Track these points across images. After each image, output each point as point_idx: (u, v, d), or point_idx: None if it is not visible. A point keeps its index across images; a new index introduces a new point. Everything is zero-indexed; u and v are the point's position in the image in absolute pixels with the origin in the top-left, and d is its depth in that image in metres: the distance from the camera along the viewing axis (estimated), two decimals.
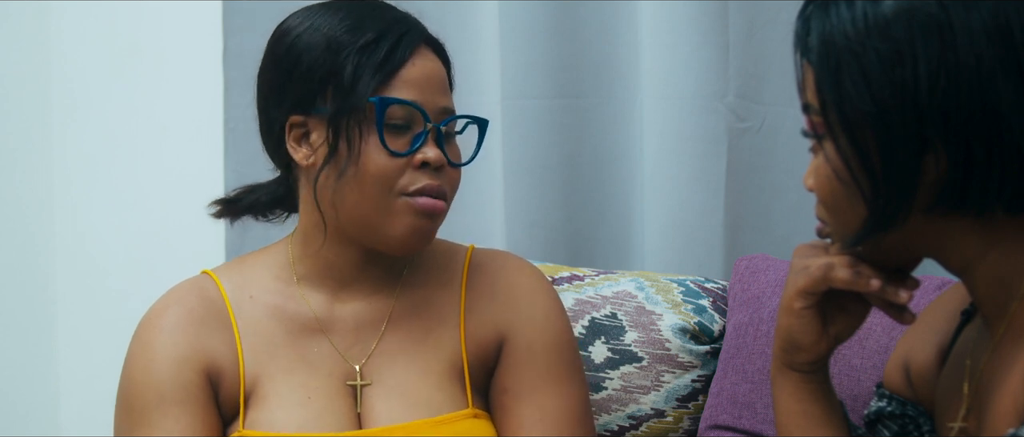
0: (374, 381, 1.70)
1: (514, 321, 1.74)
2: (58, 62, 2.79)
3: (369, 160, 1.63)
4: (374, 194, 1.64)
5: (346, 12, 1.67)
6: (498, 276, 1.76)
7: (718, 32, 2.17)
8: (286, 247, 1.75)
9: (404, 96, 1.64)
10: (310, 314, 1.71)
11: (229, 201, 1.80)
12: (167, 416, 1.67)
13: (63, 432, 2.85)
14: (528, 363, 1.73)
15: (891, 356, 1.51)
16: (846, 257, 1.38)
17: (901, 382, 1.48)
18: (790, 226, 2.19)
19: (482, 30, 2.34)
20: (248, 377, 1.69)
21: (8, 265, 2.80)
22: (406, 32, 1.67)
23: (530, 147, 2.30)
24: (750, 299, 2.01)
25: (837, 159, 1.31)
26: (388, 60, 1.64)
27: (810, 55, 1.32)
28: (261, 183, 1.79)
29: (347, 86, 1.63)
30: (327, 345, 1.71)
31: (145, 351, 1.70)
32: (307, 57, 1.65)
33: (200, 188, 2.64)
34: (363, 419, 1.69)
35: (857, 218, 1.32)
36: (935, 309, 1.49)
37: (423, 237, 1.67)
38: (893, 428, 1.47)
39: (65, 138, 2.80)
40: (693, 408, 2.03)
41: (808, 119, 1.34)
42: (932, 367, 1.45)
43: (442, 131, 1.66)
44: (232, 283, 1.74)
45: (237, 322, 1.71)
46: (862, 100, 1.27)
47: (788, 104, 2.17)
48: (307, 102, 1.65)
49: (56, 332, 2.84)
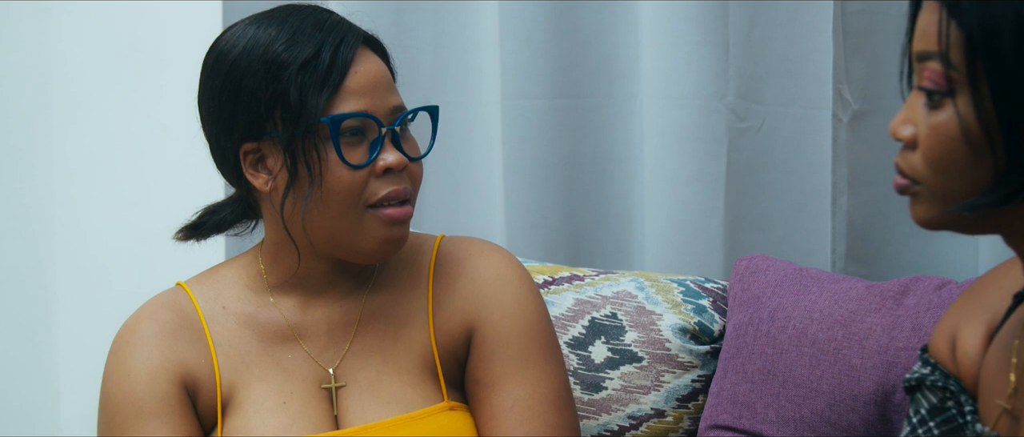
0: (348, 382, 1.71)
1: (481, 310, 1.73)
2: (58, 62, 2.79)
3: (332, 178, 1.62)
4: (342, 211, 1.63)
5: (279, 26, 1.64)
6: (463, 265, 1.75)
7: (718, 32, 2.17)
8: (256, 257, 1.75)
9: (354, 107, 1.62)
10: (282, 321, 1.72)
11: (193, 226, 1.80)
12: (146, 430, 1.67)
13: (63, 432, 2.85)
14: (497, 352, 1.72)
15: (939, 323, 1.48)
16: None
17: (947, 353, 1.45)
18: (790, 226, 2.19)
19: (482, 30, 2.34)
20: (224, 386, 1.70)
21: (8, 265, 2.80)
22: (342, 39, 1.64)
23: (530, 147, 2.30)
24: (750, 299, 2.00)
25: (973, 121, 1.24)
26: (331, 73, 1.61)
27: (958, 8, 1.24)
28: (222, 201, 1.79)
29: (296, 109, 1.61)
30: (300, 351, 1.72)
31: (121, 366, 1.71)
32: (248, 83, 1.62)
33: (200, 188, 2.65)
34: (340, 420, 1.70)
35: (974, 183, 1.25)
36: (987, 285, 1.46)
37: (396, 244, 1.67)
38: (932, 400, 1.45)
39: (65, 138, 2.80)
40: (693, 408, 2.02)
41: (936, 70, 1.26)
42: (979, 345, 1.42)
43: (397, 131, 1.65)
44: (205, 294, 1.74)
45: (211, 332, 1.72)
46: (1021, 61, 1.21)
47: (788, 104, 2.17)
48: (257, 128, 1.63)
49: (56, 332, 2.84)
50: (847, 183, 2.14)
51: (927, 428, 1.43)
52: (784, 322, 1.94)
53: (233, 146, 1.66)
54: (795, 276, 2.01)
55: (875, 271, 2.13)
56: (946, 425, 1.42)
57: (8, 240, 2.80)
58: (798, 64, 2.15)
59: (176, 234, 1.80)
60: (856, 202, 2.14)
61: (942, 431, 1.42)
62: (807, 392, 1.90)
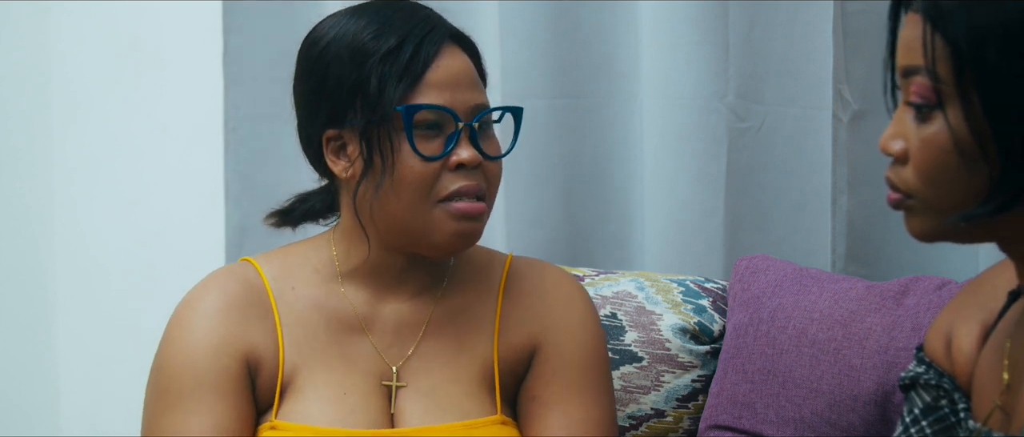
0: (409, 383, 1.71)
1: (547, 330, 1.74)
2: (58, 62, 2.79)
3: (404, 168, 1.63)
4: (412, 202, 1.63)
5: (370, 17, 1.66)
6: (535, 285, 1.77)
7: (718, 32, 2.17)
8: (329, 242, 1.74)
9: (431, 100, 1.63)
10: (352, 311, 1.72)
11: (284, 212, 1.79)
12: (202, 402, 1.66)
13: (63, 432, 2.85)
14: (558, 372, 1.73)
15: (934, 322, 1.48)
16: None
17: (942, 351, 1.46)
18: (790, 226, 2.19)
19: (482, 30, 2.34)
20: (287, 368, 1.69)
21: (8, 265, 2.80)
22: (428, 32, 1.65)
23: (530, 147, 2.30)
24: (750, 299, 2.00)
25: (965, 132, 1.24)
26: (412, 65, 1.63)
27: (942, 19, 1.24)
28: (311, 190, 1.79)
29: (374, 97, 1.62)
30: (367, 344, 1.71)
31: (183, 334, 1.69)
32: (334, 70, 1.65)
33: (200, 188, 2.65)
34: (395, 420, 1.69)
35: (967, 194, 1.25)
36: (983, 284, 1.46)
37: (468, 238, 1.67)
38: (926, 398, 1.45)
39: (65, 138, 2.80)
40: (693, 408, 2.03)
41: (922, 84, 1.26)
42: (974, 343, 1.42)
43: (475, 128, 1.66)
44: (274, 272, 1.73)
45: (279, 311, 1.71)
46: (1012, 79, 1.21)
47: (788, 104, 2.17)
48: (339, 115, 1.65)
49: (56, 332, 2.84)
50: (847, 183, 2.14)
51: (920, 427, 1.44)
52: (784, 322, 1.94)
53: (317, 132, 1.67)
54: (795, 276, 2.01)
55: (875, 271, 2.13)
56: (938, 424, 1.43)
57: (8, 240, 2.80)
58: (798, 64, 2.15)
59: (267, 218, 1.80)
60: (856, 202, 2.14)
61: (934, 430, 1.43)
62: (807, 392, 1.90)
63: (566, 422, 1.71)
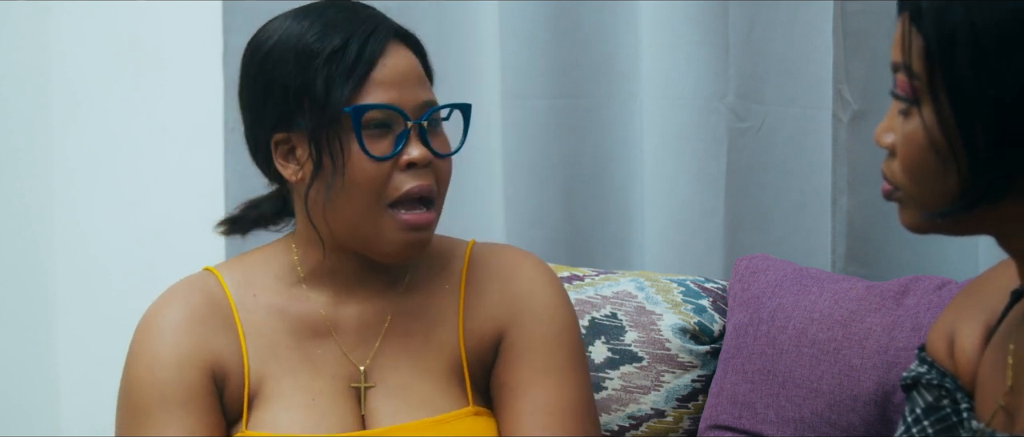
0: (377, 383, 1.70)
1: (512, 315, 1.73)
2: (58, 62, 2.79)
3: (355, 170, 1.62)
4: (364, 204, 1.63)
5: (313, 18, 1.65)
6: (497, 271, 1.76)
7: (718, 32, 2.17)
8: (288, 247, 1.74)
9: (379, 99, 1.62)
10: (315, 314, 1.71)
11: (234, 219, 1.79)
12: (171, 417, 1.65)
13: (63, 432, 2.85)
14: (525, 357, 1.72)
15: (937, 322, 1.49)
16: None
17: (944, 351, 1.46)
18: (790, 226, 2.19)
19: (482, 30, 2.34)
20: (253, 377, 1.69)
21: (8, 265, 2.80)
22: (373, 31, 1.64)
23: (530, 147, 2.30)
24: (750, 299, 2.00)
25: (937, 130, 1.25)
26: (357, 64, 1.62)
27: (920, 18, 1.26)
28: (261, 196, 1.78)
29: (321, 99, 1.61)
30: (332, 346, 1.70)
31: (148, 349, 1.69)
32: (280, 72, 1.63)
33: (200, 188, 2.66)
34: (367, 420, 1.69)
35: (945, 190, 1.27)
36: (985, 284, 1.47)
37: (416, 248, 1.66)
38: (928, 398, 1.45)
39: (65, 138, 2.80)
40: (693, 408, 2.03)
41: (903, 80, 1.28)
42: (977, 343, 1.42)
43: (424, 126, 1.65)
44: (235, 280, 1.73)
45: (241, 320, 1.70)
46: (978, 81, 1.22)
47: (788, 104, 2.17)
48: (287, 118, 1.64)
49: (56, 332, 2.84)
50: (847, 183, 2.14)
51: (921, 427, 1.44)
52: (784, 322, 1.94)
53: (265, 136, 1.66)
54: (795, 276, 2.01)
55: (875, 271, 2.13)
56: (940, 424, 1.43)
57: (8, 240, 2.80)
58: (798, 64, 2.15)
59: (217, 227, 1.80)
60: (856, 202, 2.14)
61: (936, 430, 1.43)
62: (807, 392, 1.90)
63: (532, 407, 1.69)
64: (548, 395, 1.70)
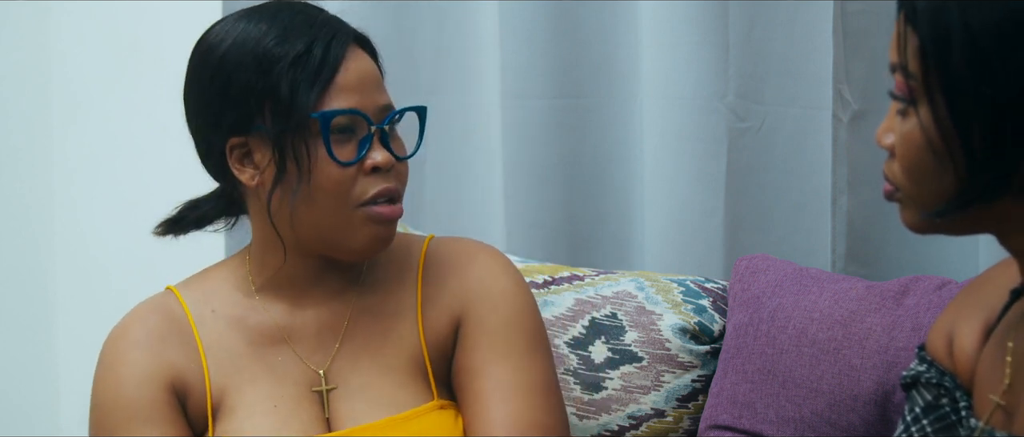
0: (339, 385, 1.70)
1: (467, 302, 1.73)
2: (58, 62, 2.79)
3: (321, 175, 1.61)
4: (331, 208, 1.63)
5: (269, 21, 1.64)
6: (451, 262, 1.76)
7: (718, 32, 2.17)
8: (244, 259, 1.75)
9: (344, 104, 1.62)
10: (271, 324, 1.71)
11: (173, 220, 1.80)
12: (137, 434, 1.67)
13: (63, 432, 2.86)
14: (483, 340, 1.71)
15: (937, 321, 1.49)
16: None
17: (943, 350, 1.46)
18: (790, 226, 2.19)
19: (482, 30, 2.34)
20: (215, 390, 1.70)
21: (8, 265, 2.80)
22: (334, 35, 1.64)
23: (530, 147, 2.30)
24: (750, 299, 2.00)
25: (933, 130, 1.26)
26: (322, 69, 1.61)
27: (915, 18, 1.27)
28: (203, 197, 1.78)
29: (286, 104, 1.61)
30: (290, 353, 1.71)
31: (110, 371, 1.71)
32: (238, 76, 1.63)
33: (200, 188, 2.65)
34: (331, 423, 1.69)
35: (942, 189, 1.28)
36: (985, 283, 1.47)
37: (385, 243, 1.67)
38: (927, 397, 1.45)
39: (65, 138, 2.81)
40: (693, 408, 2.02)
41: (900, 80, 1.29)
42: (975, 341, 1.43)
43: (386, 130, 1.65)
44: (193, 298, 1.74)
45: (200, 336, 1.71)
46: (973, 82, 1.23)
47: (788, 104, 2.17)
48: (245, 122, 1.63)
49: (56, 332, 2.84)
50: (847, 183, 2.14)
51: (920, 426, 1.44)
52: (784, 322, 1.94)
53: (220, 140, 1.66)
54: (795, 276, 2.01)
55: (875, 271, 2.13)
56: (939, 423, 1.43)
57: (8, 240, 2.80)
58: (798, 64, 2.15)
59: (155, 229, 1.80)
60: (856, 202, 2.14)
61: (935, 429, 1.43)
62: (807, 392, 1.90)
63: (493, 385, 1.69)
64: (510, 375, 1.70)
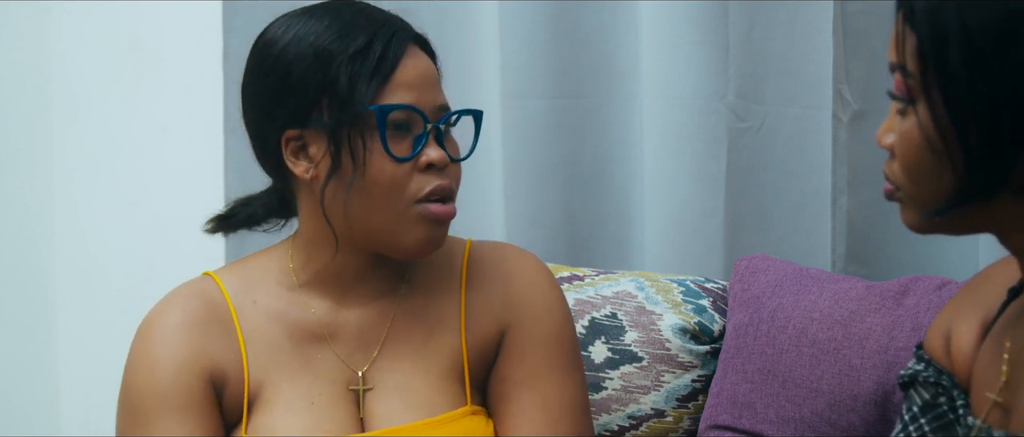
0: (376, 385, 1.70)
1: (514, 312, 1.74)
2: (58, 62, 2.79)
3: (376, 169, 1.62)
4: (385, 203, 1.63)
5: (330, 18, 1.65)
6: (497, 269, 1.76)
7: (718, 32, 2.17)
8: (287, 252, 1.73)
9: (402, 100, 1.63)
10: (314, 320, 1.70)
11: (224, 217, 1.78)
12: (168, 422, 1.65)
13: (63, 432, 2.86)
14: (529, 352, 1.72)
15: (935, 321, 1.50)
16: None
17: (941, 349, 1.47)
18: (790, 226, 2.19)
19: (482, 30, 2.34)
20: (252, 382, 1.68)
21: (8, 265, 2.80)
22: (395, 33, 1.65)
23: (530, 147, 2.30)
24: (750, 299, 2.01)
25: (932, 128, 1.27)
26: (381, 65, 1.62)
27: (913, 18, 1.27)
28: (254, 194, 1.78)
29: (344, 96, 1.61)
30: (330, 352, 1.70)
31: (147, 354, 1.69)
32: (297, 69, 1.63)
33: (200, 188, 2.66)
34: (365, 424, 1.69)
35: (941, 188, 1.28)
36: (983, 282, 1.47)
37: (437, 244, 1.67)
38: (925, 396, 1.46)
39: (65, 138, 2.81)
40: (693, 408, 2.03)
41: (899, 80, 1.30)
42: (973, 339, 1.43)
43: (441, 129, 1.65)
44: (235, 286, 1.72)
45: (241, 326, 1.70)
46: (971, 80, 1.23)
47: (788, 104, 2.17)
48: (302, 115, 1.63)
49: (56, 332, 2.84)
50: (847, 183, 2.14)
51: (918, 425, 1.44)
52: (784, 322, 1.94)
53: (276, 133, 1.65)
54: (795, 276, 2.01)
55: (875, 271, 2.13)
56: (937, 422, 1.43)
57: (8, 240, 2.80)
58: (798, 64, 2.15)
59: (205, 226, 1.79)
60: (856, 202, 2.14)
61: (933, 427, 1.43)
62: (807, 392, 1.90)
63: (534, 403, 1.70)
64: (550, 392, 1.71)
